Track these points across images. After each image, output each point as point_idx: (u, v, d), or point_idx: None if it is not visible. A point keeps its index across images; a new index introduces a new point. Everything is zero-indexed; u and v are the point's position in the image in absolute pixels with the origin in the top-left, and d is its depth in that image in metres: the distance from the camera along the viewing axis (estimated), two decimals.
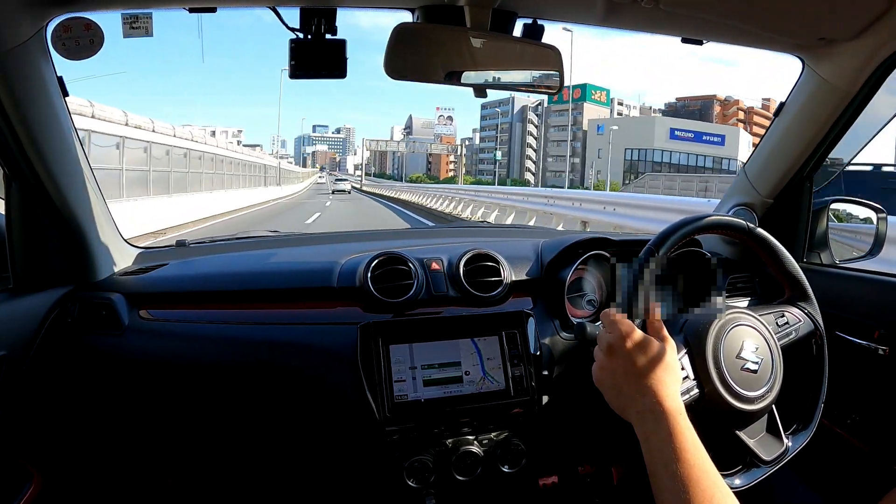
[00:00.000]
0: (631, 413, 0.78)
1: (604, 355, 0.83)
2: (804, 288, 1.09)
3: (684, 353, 0.94)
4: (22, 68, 0.97)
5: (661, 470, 0.72)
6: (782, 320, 1.05)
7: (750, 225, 1.03)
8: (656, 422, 0.76)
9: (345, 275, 1.18)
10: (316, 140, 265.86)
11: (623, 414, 0.80)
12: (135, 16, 1.12)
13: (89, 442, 1.25)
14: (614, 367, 0.81)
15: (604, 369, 0.83)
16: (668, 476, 0.71)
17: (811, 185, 1.41)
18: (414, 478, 1.07)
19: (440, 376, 1.09)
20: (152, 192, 13.96)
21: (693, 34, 1.19)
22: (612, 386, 0.82)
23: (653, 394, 0.77)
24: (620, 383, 0.80)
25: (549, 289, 1.24)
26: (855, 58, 1.15)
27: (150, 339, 1.16)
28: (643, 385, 0.78)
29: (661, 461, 0.73)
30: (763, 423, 1.00)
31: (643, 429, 0.76)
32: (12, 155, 1.03)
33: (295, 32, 1.06)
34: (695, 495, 0.68)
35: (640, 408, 0.77)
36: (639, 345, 0.81)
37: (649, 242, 0.96)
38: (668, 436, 0.74)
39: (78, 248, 1.17)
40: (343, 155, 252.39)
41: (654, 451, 0.74)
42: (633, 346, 0.81)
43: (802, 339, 1.06)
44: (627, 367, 0.80)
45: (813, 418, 1.04)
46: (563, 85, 1.09)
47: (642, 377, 0.79)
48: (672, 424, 0.75)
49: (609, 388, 0.82)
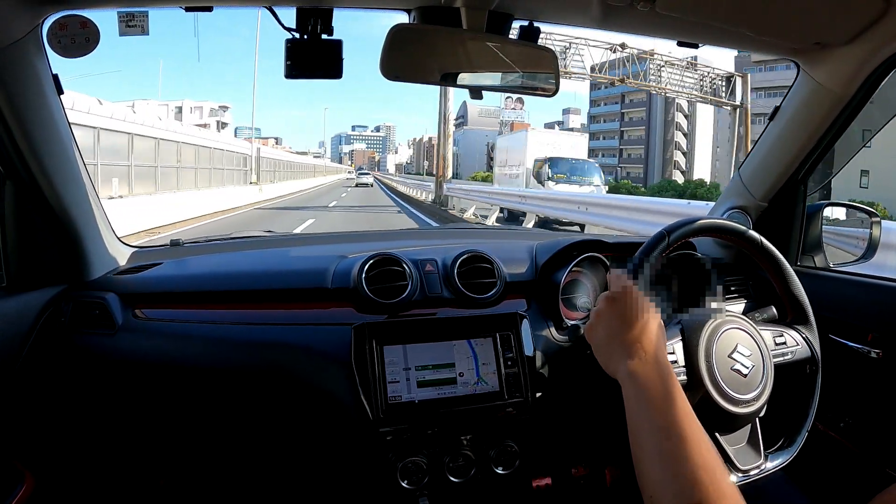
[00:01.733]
0: (621, 365, 0.77)
1: (603, 305, 0.83)
2: (807, 313, 1.08)
3: (678, 340, 0.95)
4: (17, 66, 0.97)
5: (645, 414, 0.71)
6: (780, 339, 1.05)
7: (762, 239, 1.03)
8: (647, 367, 0.75)
9: (339, 275, 1.18)
10: (354, 139, 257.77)
11: (610, 364, 0.80)
12: (131, 14, 1.12)
13: (82, 442, 1.24)
14: (612, 315, 0.81)
15: (601, 317, 0.82)
16: (651, 422, 0.70)
17: (805, 188, 1.42)
18: (407, 479, 1.07)
19: (434, 377, 1.09)
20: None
21: (689, 38, 1.20)
22: (606, 334, 0.81)
23: (649, 345, 0.77)
24: (616, 331, 0.80)
25: (544, 291, 1.24)
26: (850, 62, 1.16)
27: (144, 339, 1.16)
28: (639, 336, 0.78)
29: (647, 407, 0.71)
30: (745, 435, 1.00)
31: (632, 375, 0.75)
32: (6, 153, 1.03)
33: (291, 32, 1.06)
34: (680, 444, 0.67)
35: (632, 354, 0.76)
36: (638, 300, 0.81)
37: (644, 244, 0.97)
38: (659, 380, 0.73)
39: (71, 246, 1.17)
40: (383, 154, 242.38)
41: (640, 397, 0.73)
42: (634, 300, 0.81)
43: (797, 363, 1.05)
44: (625, 316, 0.80)
45: (795, 441, 1.03)
46: (559, 87, 1.09)
47: (640, 330, 0.78)
48: (663, 372, 0.74)
49: (602, 337, 0.82)
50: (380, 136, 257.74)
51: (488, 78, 1.09)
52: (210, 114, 65.66)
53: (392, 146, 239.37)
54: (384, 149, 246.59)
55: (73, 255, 1.18)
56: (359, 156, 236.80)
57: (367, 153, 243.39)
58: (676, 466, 0.66)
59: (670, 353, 0.93)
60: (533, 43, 1.10)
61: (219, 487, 1.32)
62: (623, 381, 0.77)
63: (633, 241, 1.42)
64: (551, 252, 1.26)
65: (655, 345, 0.78)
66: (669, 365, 0.77)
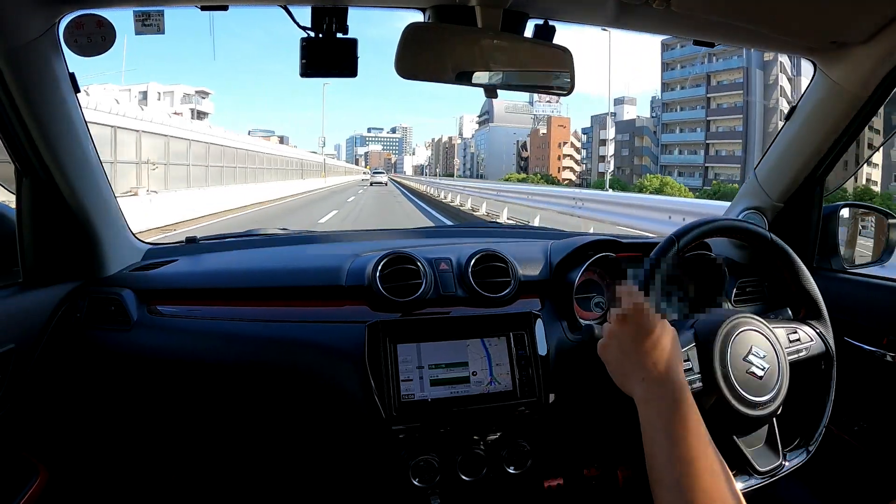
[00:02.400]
0: (635, 382, 0.77)
1: (615, 324, 0.82)
2: (819, 308, 1.08)
3: (692, 346, 0.94)
4: (34, 64, 0.98)
5: (660, 440, 0.71)
6: (794, 336, 1.04)
7: (772, 235, 1.03)
8: (662, 389, 0.75)
9: (353, 273, 1.19)
10: (369, 140, 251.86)
11: (626, 384, 0.80)
12: (146, 13, 1.12)
13: (95, 436, 1.25)
14: (624, 334, 0.81)
15: (613, 336, 0.82)
16: (666, 448, 0.70)
17: (822, 189, 1.40)
18: (419, 477, 1.07)
19: (447, 376, 1.09)
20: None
21: (704, 36, 1.19)
22: (620, 353, 0.81)
23: (662, 363, 0.77)
24: (629, 351, 0.80)
25: (558, 290, 1.24)
26: (867, 62, 1.14)
27: (158, 335, 1.17)
28: (652, 354, 0.77)
29: (662, 433, 0.71)
30: (762, 436, 0.99)
31: (647, 397, 0.75)
32: (24, 150, 1.04)
33: (306, 31, 1.07)
34: (693, 473, 0.67)
35: (646, 375, 0.76)
36: (651, 317, 0.80)
37: (657, 246, 0.96)
38: (673, 403, 0.73)
39: (87, 243, 1.18)
40: (399, 155, 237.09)
41: (655, 422, 0.73)
42: (645, 317, 0.80)
43: (812, 359, 1.05)
44: (638, 335, 0.79)
45: (813, 438, 1.02)
46: (575, 86, 1.09)
47: (652, 347, 0.78)
48: (678, 394, 0.74)
49: (616, 356, 0.82)
50: (396, 137, 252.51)
51: (503, 77, 1.09)
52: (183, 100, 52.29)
53: (409, 148, 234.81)
54: (400, 150, 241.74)
55: (89, 252, 1.19)
56: (374, 157, 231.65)
57: (383, 154, 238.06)
58: (687, 493, 0.66)
59: (685, 361, 0.92)
60: (548, 42, 1.09)
61: (231, 482, 1.32)
62: (638, 403, 0.77)
63: (648, 241, 1.41)
64: (566, 251, 1.26)
65: (669, 362, 0.77)
66: (684, 383, 0.77)
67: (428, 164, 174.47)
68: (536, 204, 11.87)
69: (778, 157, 1.40)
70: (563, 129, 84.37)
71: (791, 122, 1.34)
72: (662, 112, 59.61)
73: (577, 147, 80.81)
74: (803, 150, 1.33)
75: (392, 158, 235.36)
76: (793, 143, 1.35)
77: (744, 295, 1.36)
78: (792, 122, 1.34)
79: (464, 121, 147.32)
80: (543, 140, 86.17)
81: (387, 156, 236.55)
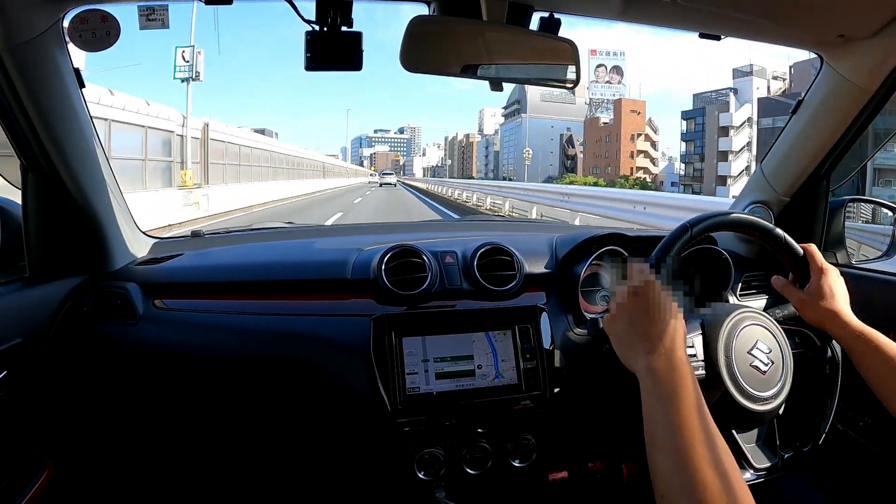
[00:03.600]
0: (640, 355, 0.77)
1: (626, 299, 0.83)
2: None
3: (698, 334, 0.94)
4: (38, 60, 0.98)
5: (660, 408, 0.71)
6: (800, 335, 1.04)
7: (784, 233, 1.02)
8: (666, 363, 0.75)
9: (359, 267, 1.19)
10: (375, 141, 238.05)
11: (629, 357, 0.80)
12: (151, 8, 1.12)
13: (102, 430, 1.26)
14: (634, 309, 0.81)
15: (622, 309, 0.82)
16: (665, 417, 0.70)
17: (828, 183, 1.39)
18: (424, 470, 1.08)
19: (452, 369, 1.09)
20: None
21: (711, 29, 1.18)
22: (628, 326, 0.81)
23: (667, 339, 0.77)
24: (636, 324, 0.80)
25: (563, 284, 1.23)
26: (874, 55, 1.14)
27: (164, 329, 1.17)
28: (658, 329, 0.78)
29: (662, 402, 0.71)
30: (761, 433, 0.99)
31: (649, 369, 0.75)
32: (29, 146, 1.04)
33: (311, 24, 1.06)
34: (691, 441, 0.67)
35: (651, 349, 0.76)
36: (661, 295, 0.81)
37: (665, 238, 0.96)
38: (676, 377, 0.73)
39: (93, 237, 1.18)
40: (408, 156, 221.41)
41: (657, 391, 0.73)
42: (655, 293, 0.81)
43: (817, 360, 1.04)
44: (647, 310, 0.80)
45: (814, 440, 1.01)
46: (580, 79, 1.08)
47: (660, 322, 0.78)
48: (681, 369, 0.74)
49: (624, 329, 0.82)
50: (403, 137, 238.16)
51: (509, 69, 1.09)
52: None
53: (418, 149, 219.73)
54: (409, 151, 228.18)
55: (95, 246, 1.19)
56: (381, 159, 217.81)
57: (391, 156, 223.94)
58: (688, 465, 0.65)
59: (689, 347, 0.92)
60: (553, 34, 1.09)
61: (237, 476, 1.33)
62: (641, 376, 0.76)
63: (654, 234, 1.41)
64: (571, 245, 1.26)
65: (675, 341, 0.77)
66: (688, 362, 0.77)
67: (440, 164, 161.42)
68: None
69: (784, 152, 1.39)
70: (637, 116, 63.24)
71: (797, 116, 1.33)
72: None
73: (653, 140, 63.47)
74: (809, 144, 1.33)
75: (400, 159, 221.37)
76: (799, 138, 1.35)
77: (749, 289, 1.36)
78: (798, 116, 1.33)
79: (484, 115, 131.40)
80: (606, 131, 65.16)
81: (394, 157, 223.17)
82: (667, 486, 0.66)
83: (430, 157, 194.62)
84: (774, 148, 1.42)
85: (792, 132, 1.36)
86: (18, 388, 1.05)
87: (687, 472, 0.65)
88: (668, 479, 0.67)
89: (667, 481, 0.67)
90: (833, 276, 0.99)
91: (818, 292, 0.98)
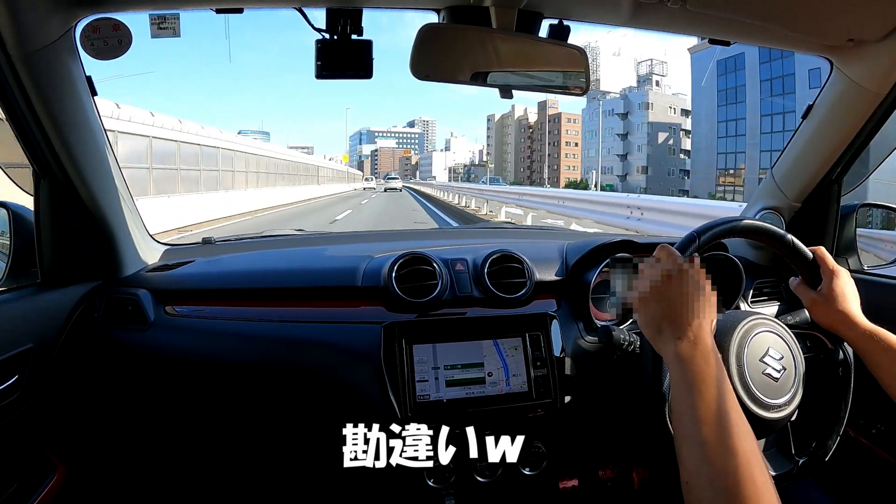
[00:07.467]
0: (668, 339, 0.77)
1: (660, 281, 0.81)
2: None
3: None
4: (51, 68, 0.99)
5: (689, 397, 0.71)
6: (812, 341, 1.03)
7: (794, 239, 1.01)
8: (695, 350, 0.74)
9: (369, 274, 1.19)
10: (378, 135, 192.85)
11: (659, 341, 0.79)
12: (162, 16, 1.13)
13: (112, 434, 1.26)
14: (668, 292, 0.80)
15: (656, 292, 0.81)
16: (694, 406, 0.70)
17: (839, 188, 1.38)
18: (434, 478, 1.07)
19: (463, 377, 1.09)
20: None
21: (720, 35, 1.18)
22: (660, 313, 0.80)
23: (699, 328, 0.76)
24: (669, 311, 0.79)
25: (574, 291, 1.23)
26: (884, 59, 1.13)
27: (175, 335, 1.18)
28: (692, 318, 0.77)
29: (691, 390, 0.71)
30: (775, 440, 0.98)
31: (679, 356, 0.75)
32: (41, 153, 1.05)
33: (321, 33, 1.07)
34: (719, 431, 0.67)
35: (682, 335, 0.76)
36: (697, 280, 0.80)
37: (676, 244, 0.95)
38: (705, 365, 0.73)
39: (105, 244, 1.19)
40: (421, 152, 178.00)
41: (687, 378, 0.72)
42: (691, 279, 0.80)
43: (829, 365, 1.03)
44: (682, 296, 0.79)
45: (826, 446, 1.00)
46: (590, 85, 1.08)
47: (694, 311, 0.78)
48: (709, 357, 0.74)
49: (655, 316, 0.81)
50: (414, 132, 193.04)
51: (518, 77, 1.08)
52: None
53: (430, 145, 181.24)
54: (421, 147, 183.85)
55: (107, 252, 1.20)
56: (385, 157, 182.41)
57: (398, 153, 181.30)
58: (713, 454, 0.66)
59: None
60: (563, 41, 1.09)
61: (246, 482, 1.33)
62: (670, 363, 0.76)
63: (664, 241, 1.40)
64: (582, 252, 1.25)
65: (703, 328, 0.77)
66: (716, 351, 0.76)
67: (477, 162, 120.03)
68: None
69: (795, 157, 1.38)
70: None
71: (808, 121, 1.32)
72: None
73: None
74: (820, 149, 1.32)
75: (412, 157, 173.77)
76: (810, 143, 1.34)
77: (761, 296, 1.35)
78: (809, 121, 1.32)
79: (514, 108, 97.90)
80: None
81: (404, 153, 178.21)
82: (692, 474, 0.67)
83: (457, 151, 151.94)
84: (785, 153, 1.41)
85: (802, 137, 1.35)
86: (30, 392, 1.05)
87: (712, 461, 0.65)
88: (693, 468, 0.67)
89: (692, 469, 0.67)
90: (843, 278, 0.98)
91: (829, 294, 0.97)
